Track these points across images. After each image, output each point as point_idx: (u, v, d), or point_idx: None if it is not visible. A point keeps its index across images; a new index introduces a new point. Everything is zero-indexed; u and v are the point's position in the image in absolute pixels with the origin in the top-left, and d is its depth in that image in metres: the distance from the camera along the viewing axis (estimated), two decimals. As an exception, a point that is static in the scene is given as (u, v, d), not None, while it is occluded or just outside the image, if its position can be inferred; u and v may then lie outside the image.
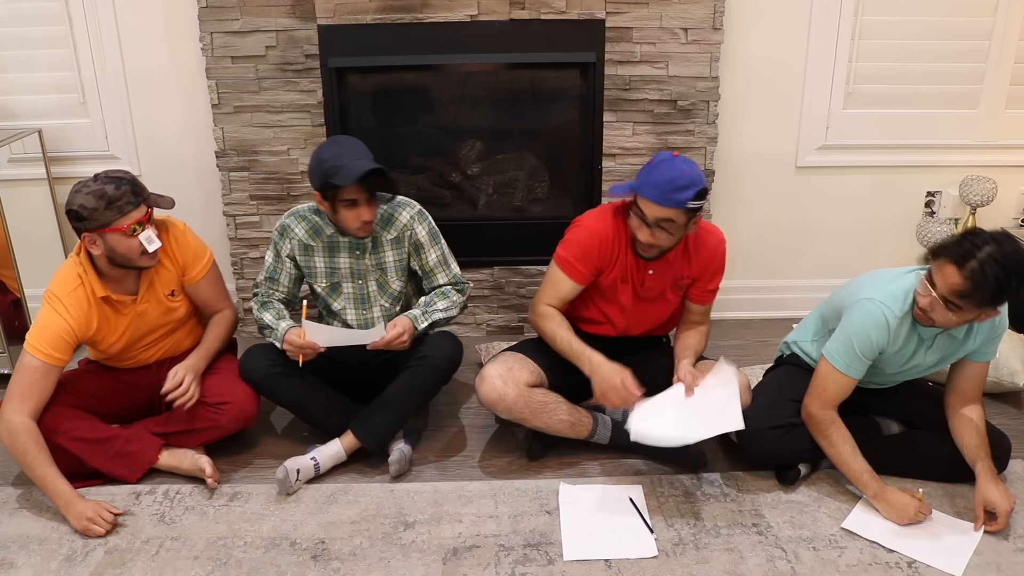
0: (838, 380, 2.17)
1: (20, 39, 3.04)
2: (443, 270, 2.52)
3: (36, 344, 2.18)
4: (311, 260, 2.48)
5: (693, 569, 2.01)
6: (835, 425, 2.19)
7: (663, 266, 2.35)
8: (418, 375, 2.40)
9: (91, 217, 2.12)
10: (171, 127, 3.15)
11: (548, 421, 2.34)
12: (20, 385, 2.17)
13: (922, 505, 2.11)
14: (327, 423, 2.46)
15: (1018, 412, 2.69)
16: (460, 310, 2.53)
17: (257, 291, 2.53)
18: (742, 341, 3.23)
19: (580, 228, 2.35)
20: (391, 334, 2.32)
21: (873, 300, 2.10)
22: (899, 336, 2.13)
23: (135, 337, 2.37)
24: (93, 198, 2.12)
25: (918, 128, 3.21)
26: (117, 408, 2.42)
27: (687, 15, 2.90)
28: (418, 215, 2.48)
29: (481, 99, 3.17)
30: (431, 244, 2.49)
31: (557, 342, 2.35)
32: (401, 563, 2.04)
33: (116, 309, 2.30)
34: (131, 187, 2.17)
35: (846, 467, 2.19)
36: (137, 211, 2.17)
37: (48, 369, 2.18)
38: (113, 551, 2.08)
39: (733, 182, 3.26)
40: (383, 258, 2.48)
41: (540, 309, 2.40)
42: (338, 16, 2.87)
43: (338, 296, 2.52)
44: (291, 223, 2.47)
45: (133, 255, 2.20)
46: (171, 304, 2.39)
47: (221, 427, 2.35)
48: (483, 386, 2.30)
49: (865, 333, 2.11)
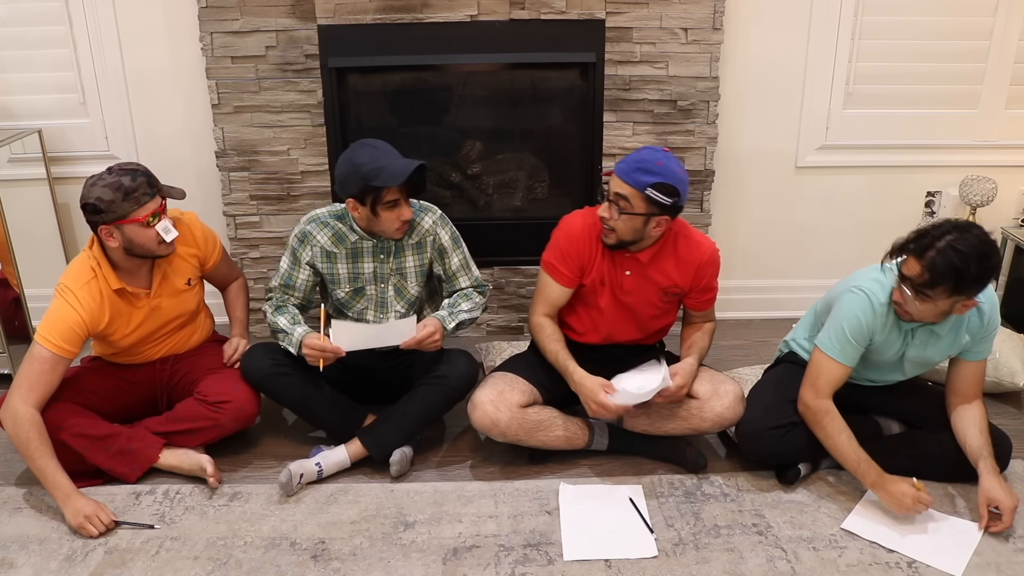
0: (831, 368, 2.19)
1: (20, 39, 3.04)
2: (465, 273, 2.52)
3: (47, 335, 2.19)
4: (334, 267, 2.45)
5: (693, 569, 2.01)
6: (830, 415, 2.19)
7: (636, 267, 2.32)
8: (434, 395, 2.41)
9: (109, 209, 2.14)
10: (171, 127, 3.15)
11: (544, 439, 2.34)
12: (28, 375, 2.18)
13: (921, 495, 2.10)
14: (329, 423, 2.46)
15: (1018, 412, 2.69)
16: (482, 311, 2.54)
17: (271, 296, 2.51)
18: (742, 341, 3.23)
19: (559, 228, 2.37)
20: (422, 333, 2.32)
21: (860, 288, 2.16)
22: (885, 324, 2.15)
23: (149, 331, 2.39)
24: (110, 190, 2.14)
25: (918, 128, 3.21)
26: (119, 407, 2.42)
27: (687, 15, 2.90)
28: (440, 220, 2.47)
29: (481, 99, 3.17)
30: (454, 248, 2.49)
31: (548, 355, 2.38)
32: (401, 563, 2.04)
33: (130, 302, 2.32)
34: (146, 178, 2.20)
35: (843, 457, 2.18)
36: (153, 202, 2.20)
37: (57, 360, 2.19)
38: (113, 551, 2.08)
39: (733, 182, 3.26)
40: (404, 263, 2.46)
41: (534, 321, 2.43)
42: (338, 16, 2.87)
43: (360, 299, 2.50)
44: (312, 230, 2.43)
45: (151, 245, 2.23)
46: (186, 294, 2.42)
47: (221, 426, 2.35)
48: (475, 413, 2.31)
49: (854, 317, 2.14)
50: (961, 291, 1.96)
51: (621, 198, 2.16)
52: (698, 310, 2.44)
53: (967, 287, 1.96)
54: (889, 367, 2.27)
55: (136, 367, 2.47)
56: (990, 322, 2.16)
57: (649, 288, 2.35)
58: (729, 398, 2.30)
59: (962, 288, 1.96)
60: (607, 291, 2.36)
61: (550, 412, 2.37)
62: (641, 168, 2.13)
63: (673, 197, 2.14)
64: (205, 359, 2.50)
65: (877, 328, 2.15)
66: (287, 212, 3.10)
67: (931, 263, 1.93)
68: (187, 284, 2.42)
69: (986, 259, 1.93)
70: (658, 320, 2.44)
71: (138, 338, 2.37)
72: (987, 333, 2.17)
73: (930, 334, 2.16)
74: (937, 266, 1.93)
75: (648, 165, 2.13)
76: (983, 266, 1.92)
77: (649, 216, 2.18)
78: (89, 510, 2.14)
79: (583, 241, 2.32)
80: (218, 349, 2.58)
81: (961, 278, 1.92)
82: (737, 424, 2.33)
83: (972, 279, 1.93)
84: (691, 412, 2.32)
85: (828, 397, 2.20)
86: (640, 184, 2.13)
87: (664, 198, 2.13)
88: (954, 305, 2.01)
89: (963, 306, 2.02)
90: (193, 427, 2.35)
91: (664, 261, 2.33)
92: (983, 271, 1.93)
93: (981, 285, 1.97)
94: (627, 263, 2.32)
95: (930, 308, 2.01)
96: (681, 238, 2.34)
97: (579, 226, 2.33)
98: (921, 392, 2.40)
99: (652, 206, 2.15)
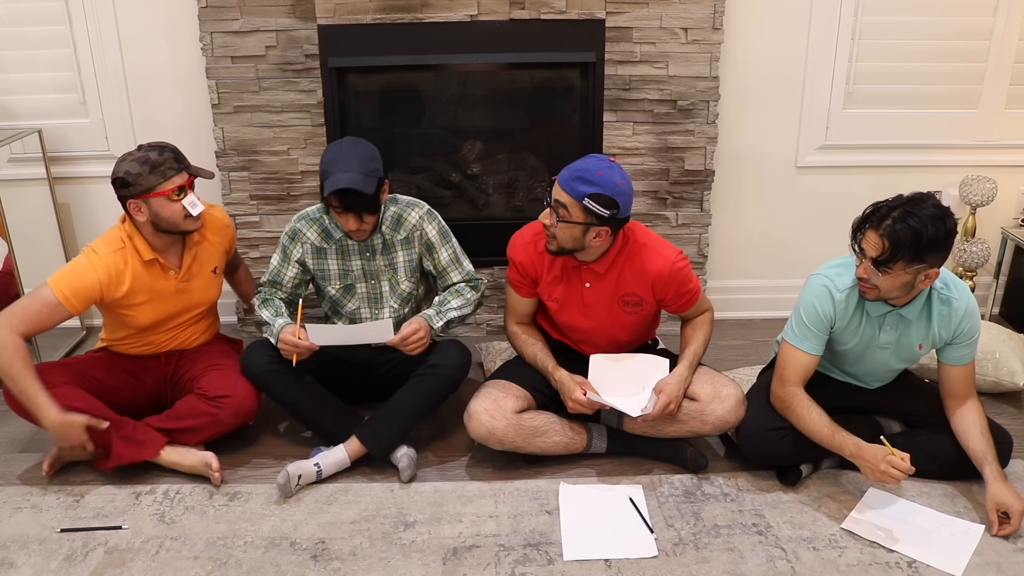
0: (794, 356, 2.22)
1: (20, 39, 3.04)
2: (456, 268, 2.52)
3: (60, 284, 2.24)
4: (324, 263, 2.48)
5: (693, 569, 2.01)
6: (797, 398, 2.20)
7: (594, 278, 2.30)
8: (427, 384, 2.40)
9: (136, 182, 2.22)
10: (171, 127, 3.15)
11: (542, 445, 2.34)
12: (25, 309, 2.22)
13: (892, 458, 2.04)
14: (319, 425, 2.46)
15: (1018, 412, 2.69)
16: (476, 307, 2.54)
17: (260, 290, 2.54)
18: (742, 341, 3.23)
19: (512, 238, 2.39)
20: (406, 330, 2.32)
21: (817, 275, 2.21)
22: (847, 311, 2.17)
23: (169, 312, 2.43)
24: (138, 164, 2.23)
25: (918, 128, 3.21)
26: (123, 399, 2.44)
27: (687, 15, 2.90)
28: (427, 215, 2.48)
29: (481, 99, 3.17)
30: (442, 243, 2.49)
31: (528, 360, 2.41)
32: (401, 563, 2.04)
33: (159, 277, 2.36)
34: (173, 154, 2.28)
35: (818, 434, 2.17)
36: (179, 176, 2.27)
37: (59, 307, 2.24)
38: (113, 551, 2.08)
39: (733, 182, 3.26)
40: (395, 258, 2.48)
41: (507, 330, 2.48)
42: (338, 16, 2.87)
43: (352, 297, 2.52)
44: (302, 227, 2.46)
45: (177, 219, 2.28)
46: (212, 282, 2.49)
47: (221, 421, 2.36)
48: (471, 423, 2.31)
49: (809, 303, 2.18)
50: (921, 257, 1.98)
51: (561, 205, 2.14)
52: (681, 312, 2.41)
53: (926, 253, 1.98)
54: (873, 360, 2.27)
55: (143, 359, 2.49)
56: (966, 322, 2.16)
57: (610, 299, 2.33)
58: (731, 401, 2.29)
59: (922, 254, 1.97)
60: (568, 304, 2.37)
61: (546, 417, 2.36)
62: (581, 178, 2.11)
63: (611, 209, 2.11)
64: (208, 355, 2.52)
65: (838, 314, 2.17)
66: (287, 212, 3.10)
67: (890, 232, 1.97)
68: (213, 271, 2.49)
69: (941, 222, 1.97)
70: (634, 328, 2.41)
71: (156, 318, 2.40)
72: (966, 337, 2.18)
73: (899, 319, 2.18)
74: (897, 234, 1.96)
75: (588, 175, 2.10)
76: (939, 229, 1.96)
77: (588, 226, 2.15)
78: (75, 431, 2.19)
79: (526, 252, 2.35)
80: (221, 346, 2.61)
81: (920, 239, 1.95)
82: (737, 426, 2.33)
83: (930, 243, 1.96)
84: (691, 415, 2.32)
85: (797, 385, 2.21)
86: (578, 194, 2.11)
87: (601, 209, 2.11)
88: (917, 276, 2.03)
89: (925, 277, 2.04)
90: (194, 424, 2.36)
91: (621, 270, 2.29)
92: (939, 234, 1.96)
93: (941, 250, 1.99)
94: (585, 275, 2.31)
95: (892, 281, 2.03)
96: (642, 247, 2.28)
97: (525, 237, 2.36)
98: (921, 392, 2.40)
99: (590, 216, 2.13)
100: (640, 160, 3.08)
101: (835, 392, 2.35)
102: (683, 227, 3.18)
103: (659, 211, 3.16)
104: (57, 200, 3.20)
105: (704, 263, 3.26)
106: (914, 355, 2.25)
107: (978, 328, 2.19)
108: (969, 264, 3.22)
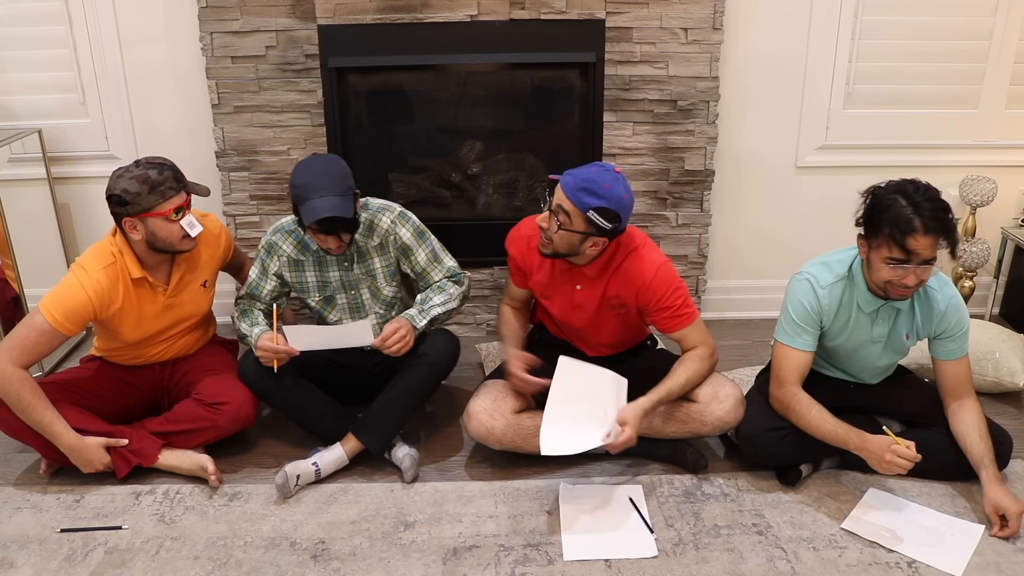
0: (788, 355, 2.23)
1: (20, 39, 3.04)
2: (436, 267, 2.48)
3: (51, 308, 2.19)
4: (302, 275, 2.46)
5: (693, 569, 2.01)
6: (796, 397, 2.20)
7: (585, 280, 2.30)
8: (416, 374, 2.38)
9: (134, 202, 2.16)
10: (171, 127, 3.15)
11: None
12: (21, 340, 2.18)
13: (897, 447, 2.03)
14: (319, 428, 2.45)
15: (1018, 412, 2.69)
16: (461, 302, 2.49)
17: (239, 302, 2.51)
18: (742, 341, 3.23)
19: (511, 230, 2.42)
20: (388, 330, 2.31)
21: (801, 273, 2.24)
22: (831, 305, 2.19)
23: (159, 328, 2.39)
24: (136, 183, 2.16)
25: (918, 128, 3.21)
26: (120, 407, 2.42)
27: (687, 15, 2.90)
28: (399, 218, 2.43)
29: (481, 99, 3.17)
30: (418, 244, 2.45)
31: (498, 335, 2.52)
32: (401, 563, 2.04)
33: (147, 294, 2.32)
34: (173, 172, 2.22)
35: (820, 431, 2.16)
36: (178, 196, 2.22)
37: (55, 334, 2.20)
38: (113, 551, 2.08)
39: (733, 182, 3.26)
40: (372, 265, 2.45)
41: (500, 307, 2.56)
42: (338, 16, 2.87)
43: (333, 308, 2.51)
44: (278, 240, 2.43)
45: (174, 240, 2.24)
46: (202, 296, 2.45)
47: (219, 427, 2.35)
48: (470, 423, 2.31)
49: (796, 300, 2.22)
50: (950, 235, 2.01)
51: (563, 212, 2.13)
52: (665, 330, 2.32)
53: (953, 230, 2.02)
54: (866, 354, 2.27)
55: (137, 369, 2.47)
56: (950, 315, 2.17)
57: (599, 302, 2.32)
58: (730, 402, 2.29)
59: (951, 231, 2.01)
60: (557, 302, 2.37)
61: None
62: (587, 189, 2.09)
63: (614, 223, 2.12)
64: (204, 361, 2.51)
65: (823, 308, 2.18)
66: (287, 212, 3.10)
67: (926, 225, 1.97)
68: (203, 286, 2.44)
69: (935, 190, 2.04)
70: (621, 333, 2.41)
71: (145, 334, 2.37)
72: (954, 330, 2.19)
73: (891, 311, 2.19)
74: (942, 223, 1.98)
75: (595, 187, 2.09)
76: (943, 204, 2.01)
77: (586, 235, 2.15)
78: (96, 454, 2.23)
79: (519, 247, 2.38)
80: (218, 350, 2.59)
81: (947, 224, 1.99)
82: (736, 427, 2.33)
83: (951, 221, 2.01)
84: (691, 416, 2.32)
85: (794, 385, 2.22)
86: (583, 205, 2.09)
87: (605, 223, 2.11)
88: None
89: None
90: (191, 428, 2.35)
91: (610, 275, 2.29)
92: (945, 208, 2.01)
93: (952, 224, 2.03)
94: (577, 278, 2.31)
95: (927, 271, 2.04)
96: (631, 253, 2.27)
97: (522, 231, 2.39)
98: (921, 392, 2.40)
99: (591, 227, 2.13)
100: (640, 160, 3.08)
101: (833, 391, 2.35)
102: (683, 227, 3.19)
103: (659, 211, 3.16)
104: (57, 200, 3.20)
105: (704, 263, 3.26)
106: (903, 346, 2.26)
107: (965, 322, 2.20)
108: (969, 264, 3.22)
